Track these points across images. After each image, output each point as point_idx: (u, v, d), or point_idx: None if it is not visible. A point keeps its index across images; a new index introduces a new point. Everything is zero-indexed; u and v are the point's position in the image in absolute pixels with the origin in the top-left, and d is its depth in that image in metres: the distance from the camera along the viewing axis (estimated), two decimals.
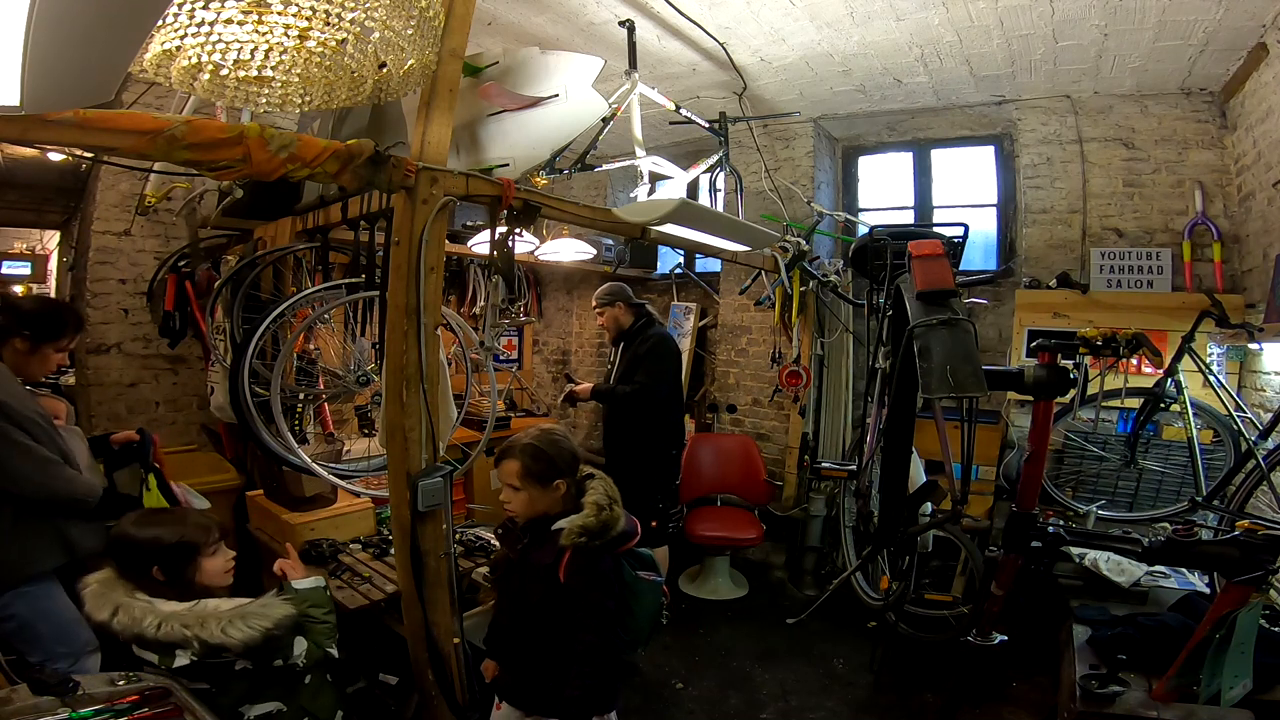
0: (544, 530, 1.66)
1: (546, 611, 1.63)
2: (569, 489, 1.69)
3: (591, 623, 1.58)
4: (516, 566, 1.73)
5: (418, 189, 1.73)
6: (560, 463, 1.67)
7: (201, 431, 3.61)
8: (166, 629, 1.38)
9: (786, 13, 2.93)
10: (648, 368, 3.27)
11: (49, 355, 1.98)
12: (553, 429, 1.75)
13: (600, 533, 1.59)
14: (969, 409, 1.82)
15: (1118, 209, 3.61)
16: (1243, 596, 1.79)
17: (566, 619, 1.60)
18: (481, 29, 3.05)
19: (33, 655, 1.77)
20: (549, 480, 1.65)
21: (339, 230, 2.55)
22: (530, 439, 1.68)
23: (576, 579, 1.58)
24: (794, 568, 4.00)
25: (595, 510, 1.62)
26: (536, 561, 1.65)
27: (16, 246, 7.20)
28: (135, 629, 1.38)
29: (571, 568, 1.59)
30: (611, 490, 1.70)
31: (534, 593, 1.65)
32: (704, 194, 3.41)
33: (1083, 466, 3.19)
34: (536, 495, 1.66)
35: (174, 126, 1.31)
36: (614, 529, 1.62)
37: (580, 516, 1.61)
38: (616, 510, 1.65)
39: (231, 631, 1.41)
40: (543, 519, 1.68)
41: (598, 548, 1.59)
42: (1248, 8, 2.56)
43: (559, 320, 5.75)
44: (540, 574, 1.63)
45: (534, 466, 1.65)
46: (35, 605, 1.83)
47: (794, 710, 2.70)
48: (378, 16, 1.29)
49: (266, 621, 1.46)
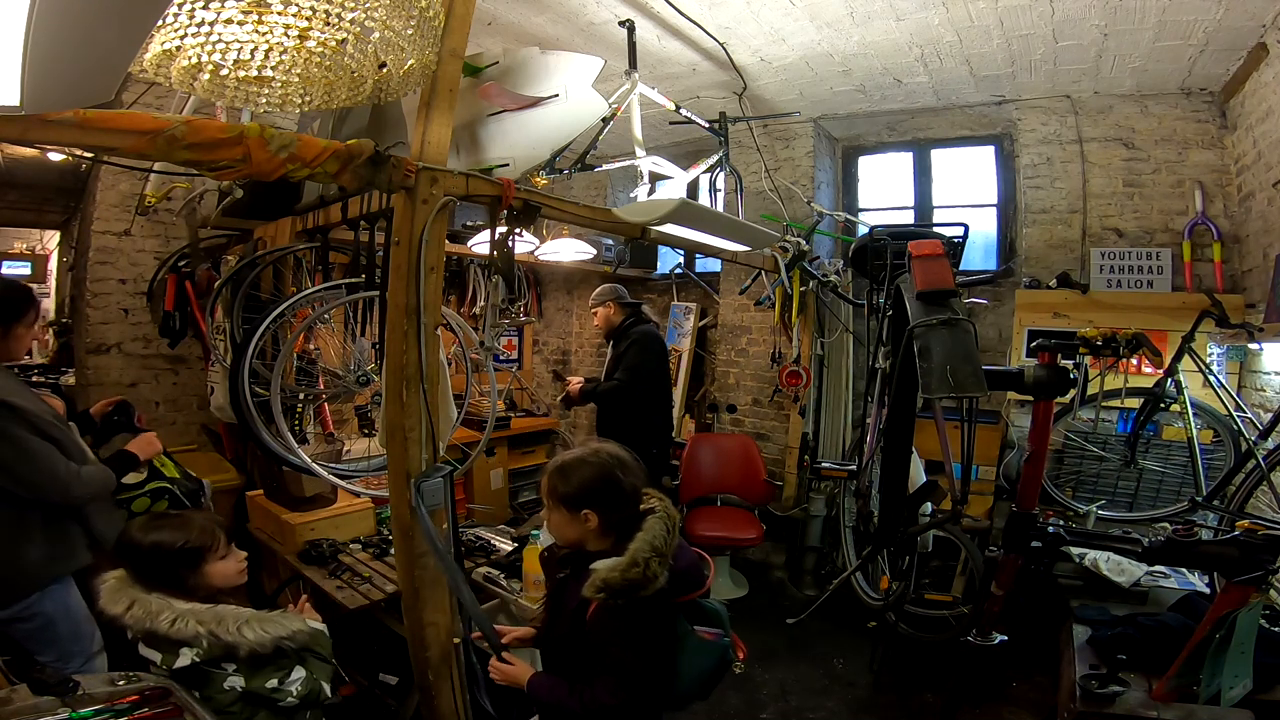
0: (583, 565, 1.45)
1: (573, 648, 1.47)
2: (604, 524, 1.46)
3: (608, 680, 1.38)
4: (554, 592, 1.59)
5: (418, 189, 1.72)
6: (593, 491, 1.45)
7: (201, 431, 3.61)
8: (181, 624, 1.37)
9: (786, 13, 2.93)
10: (627, 363, 3.38)
11: (24, 336, 1.96)
12: (605, 450, 1.50)
13: (625, 591, 1.34)
14: (969, 409, 1.82)
15: (1118, 209, 3.61)
16: (1243, 596, 1.79)
17: (588, 661, 1.42)
18: (481, 29, 3.05)
19: (45, 654, 1.78)
20: (576, 508, 1.45)
21: (339, 230, 2.55)
22: (572, 456, 1.50)
23: (598, 632, 1.39)
24: (794, 568, 4.00)
25: (626, 564, 1.35)
26: (569, 598, 1.47)
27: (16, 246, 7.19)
28: (148, 623, 1.37)
29: (596, 617, 1.39)
30: (662, 539, 1.42)
31: (564, 625, 1.50)
32: (704, 194, 3.41)
33: (1083, 466, 3.19)
34: (564, 521, 1.48)
35: (174, 126, 1.30)
36: (648, 588, 1.35)
37: (607, 566, 1.37)
38: (655, 567, 1.36)
39: (246, 632, 1.41)
40: (582, 551, 1.50)
41: (623, 606, 1.36)
42: (1248, 8, 2.56)
43: (559, 320, 5.75)
44: (570, 614, 1.46)
45: (560, 487, 1.46)
46: (58, 601, 1.86)
47: (794, 710, 2.70)
48: (378, 16, 1.29)
49: (281, 630, 1.47)
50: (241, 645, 1.41)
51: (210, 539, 1.54)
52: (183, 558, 1.49)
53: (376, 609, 2.24)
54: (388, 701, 2.38)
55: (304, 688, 1.49)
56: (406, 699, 2.28)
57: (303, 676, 1.50)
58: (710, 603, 1.60)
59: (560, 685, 1.46)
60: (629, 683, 1.38)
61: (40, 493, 1.80)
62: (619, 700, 1.38)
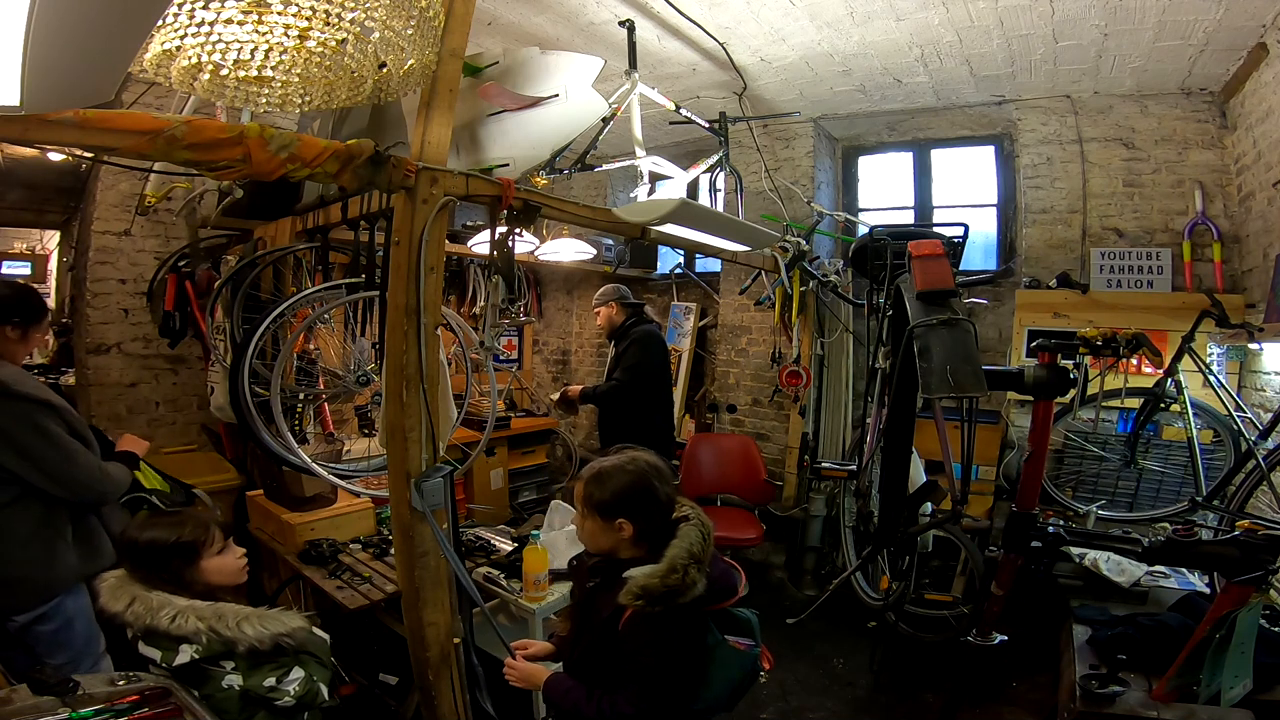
0: (614, 575, 1.43)
1: (602, 659, 1.45)
2: (639, 533, 1.44)
3: (633, 689, 1.37)
4: (583, 601, 1.57)
5: (418, 189, 1.72)
6: (629, 499, 1.43)
7: (201, 431, 3.61)
8: (181, 620, 1.38)
9: (786, 13, 2.93)
10: (626, 362, 3.40)
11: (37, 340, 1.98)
12: (640, 458, 1.49)
13: (664, 598, 1.33)
14: (969, 409, 1.82)
15: (1118, 209, 3.61)
16: (1243, 596, 1.79)
17: (617, 673, 1.41)
18: (481, 29, 3.05)
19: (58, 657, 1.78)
20: (611, 516, 1.44)
21: (339, 230, 2.55)
22: (606, 463, 1.48)
23: (631, 640, 1.37)
24: (794, 568, 4.00)
25: (665, 570, 1.34)
26: (600, 607, 1.45)
27: (16, 246, 7.20)
28: (149, 619, 1.38)
29: (629, 626, 1.37)
30: (699, 545, 1.41)
31: (593, 635, 1.48)
32: (704, 194, 3.41)
33: (1083, 466, 3.19)
34: (596, 529, 1.46)
35: (174, 126, 1.30)
36: (686, 595, 1.34)
37: (645, 573, 1.35)
38: (694, 574, 1.36)
39: (245, 628, 1.42)
40: (613, 559, 1.48)
41: (660, 614, 1.34)
42: (1248, 8, 2.56)
43: (559, 320, 5.75)
44: (601, 623, 1.44)
45: (596, 495, 1.44)
46: (79, 601, 1.87)
47: (794, 710, 2.70)
48: (378, 16, 1.29)
49: (281, 627, 1.47)
50: (241, 641, 1.41)
51: (204, 534, 1.54)
52: (178, 552, 1.49)
53: (376, 609, 2.24)
54: (388, 701, 2.38)
55: (301, 688, 1.49)
56: (406, 699, 2.28)
57: (300, 677, 1.50)
58: (742, 611, 1.58)
59: (577, 689, 1.44)
60: (652, 694, 1.36)
61: (81, 492, 1.82)
62: (638, 711, 1.36)
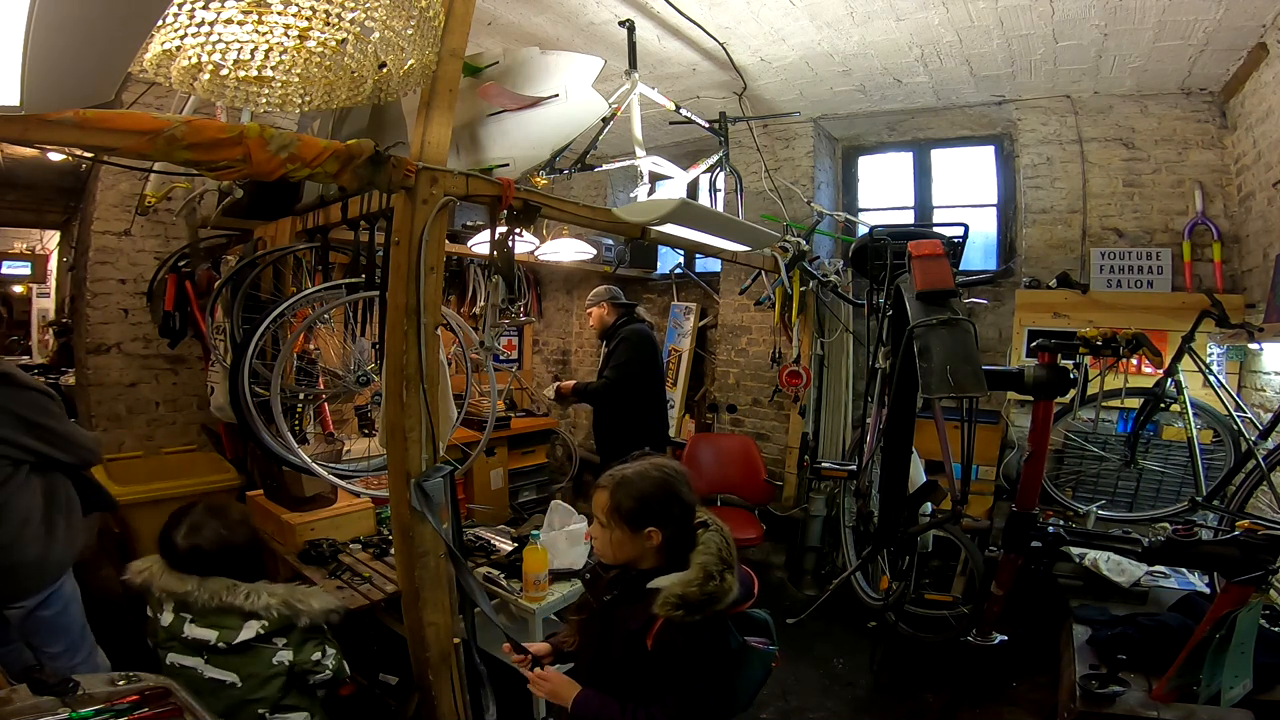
0: (637, 586, 1.40)
1: (627, 674, 1.40)
2: (666, 541, 1.40)
3: (669, 700, 1.33)
4: (600, 615, 1.51)
5: (418, 189, 1.72)
6: (657, 507, 1.39)
7: (201, 431, 3.61)
8: (254, 598, 1.57)
9: (786, 13, 2.93)
10: (614, 360, 3.43)
11: None
12: (665, 464, 1.46)
13: (702, 605, 1.30)
14: (969, 409, 1.82)
15: (1118, 209, 3.61)
16: (1243, 596, 1.79)
17: (645, 687, 1.37)
18: (481, 29, 3.05)
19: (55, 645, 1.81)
20: (640, 525, 1.39)
21: (339, 230, 2.55)
22: (630, 470, 1.43)
23: (664, 653, 1.32)
24: (794, 568, 4.00)
25: (701, 577, 1.32)
26: (622, 620, 1.40)
27: (16, 246, 7.21)
28: (224, 596, 1.56)
29: (661, 638, 1.32)
30: (727, 550, 1.40)
31: (615, 650, 1.42)
32: (704, 194, 3.41)
33: (1083, 466, 3.19)
34: (622, 539, 1.40)
35: (174, 126, 1.30)
36: (721, 601, 1.32)
37: (680, 582, 1.32)
38: (729, 580, 1.35)
39: (314, 601, 1.66)
40: (634, 570, 1.44)
41: (697, 622, 1.31)
42: (1248, 8, 2.56)
43: (559, 320, 5.75)
44: (626, 636, 1.38)
45: (625, 504, 1.39)
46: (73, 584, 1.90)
47: (794, 710, 2.70)
48: (378, 16, 1.29)
49: (333, 603, 1.73)
50: (308, 614, 1.63)
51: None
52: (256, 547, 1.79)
53: (376, 609, 2.24)
54: (388, 701, 2.38)
55: (334, 662, 1.68)
56: (406, 699, 2.28)
57: (334, 652, 1.71)
58: (757, 612, 1.58)
59: (610, 704, 1.38)
60: (691, 704, 1.33)
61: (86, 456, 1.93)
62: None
